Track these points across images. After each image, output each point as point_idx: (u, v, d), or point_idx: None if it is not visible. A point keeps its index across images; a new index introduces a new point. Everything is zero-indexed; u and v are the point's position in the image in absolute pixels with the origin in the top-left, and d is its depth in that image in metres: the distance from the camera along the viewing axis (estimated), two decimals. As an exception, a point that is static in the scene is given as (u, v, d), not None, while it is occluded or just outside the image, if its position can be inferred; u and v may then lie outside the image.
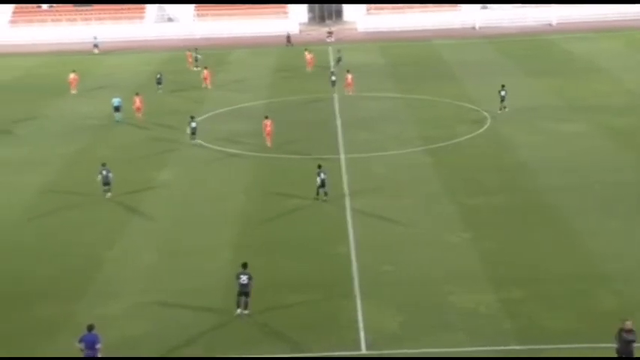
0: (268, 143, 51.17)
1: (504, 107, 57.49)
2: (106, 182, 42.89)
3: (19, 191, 44.38)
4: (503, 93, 57.94)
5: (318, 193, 41.37)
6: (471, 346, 27.33)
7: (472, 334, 28.12)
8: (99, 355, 25.91)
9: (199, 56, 79.42)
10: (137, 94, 60.45)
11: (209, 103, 63.47)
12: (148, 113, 59.91)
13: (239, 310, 29.94)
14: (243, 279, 29.97)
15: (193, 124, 52.91)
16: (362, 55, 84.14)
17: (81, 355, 25.95)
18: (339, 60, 77.68)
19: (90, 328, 26.07)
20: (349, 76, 65.23)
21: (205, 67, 72.61)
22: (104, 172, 42.96)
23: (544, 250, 34.83)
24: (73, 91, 69.29)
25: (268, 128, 51.29)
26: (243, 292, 29.92)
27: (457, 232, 36.96)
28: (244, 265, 30.33)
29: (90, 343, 25.77)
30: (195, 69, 76.94)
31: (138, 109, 59.13)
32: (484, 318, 29.22)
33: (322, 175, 41.27)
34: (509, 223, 38.04)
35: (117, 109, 58.60)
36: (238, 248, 36.08)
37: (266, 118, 52.14)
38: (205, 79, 70.13)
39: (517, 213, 39.16)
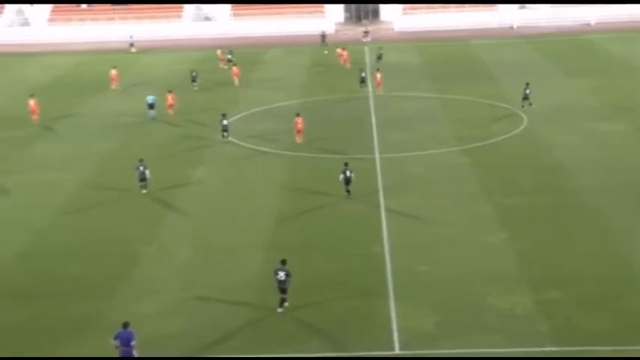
0: (299, 140, 51.53)
1: (530, 104, 57.63)
2: (143, 178, 43.27)
3: (57, 189, 44.77)
4: (527, 91, 58.23)
5: (347, 190, 41.49)
6: (506, 347, 27.08)
7: (508, 335, 27.88)
8: (134, 352, 26.02)
9: (232, 57, 79.61)
10: (170, 91, 61.11)
11: (244, 102, 63.60)
12: (184, 111, 60.35)
13: (279, 309, 30.14)
14: (281, 275, 30.09)
15: (225, 122, 53.14)
16: (398, 54, 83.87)
17: (116, 352, 26.09)
18: (379, 57, 77.68)
19: (125, 325, 26.20)
20: (379, 75, 65.41)
21: (234, 65, 73.27)
22: (141, 168, 43.38)
23: (581, 250, 34.46)
24: (114, 87, 70.47)
25: (299, 125, 51.86)
26: (281, 288, 30.04)
27: (493, 233, 36.67)
28: (283, 262, 30.41)
29: (125, 340, 25.90)
30: (225, 67, 77.40)
31: (170, 106, 59.89)
32: (520, 319, 28.96)
33: (348, 173, 41.34)
34: (546, 223, 37.68)
35: (151, 106, 59.45)
36: (272, 246, 36.10)
37: (297, 115, 52.47)
38: (235, 75, 70.90)
39: (553, 213, 38.78)
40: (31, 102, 60.93)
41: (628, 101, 59.78)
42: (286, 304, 30.19)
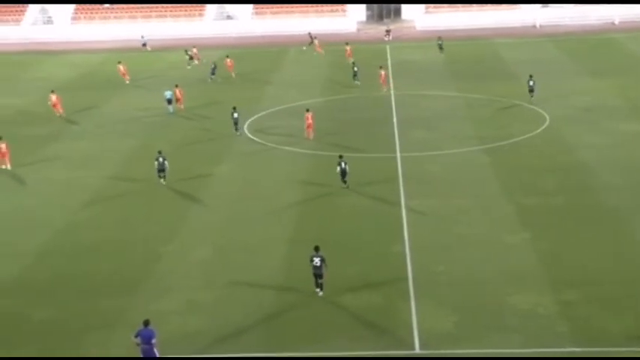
0: (309, 135, 52.25)
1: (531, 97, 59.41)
2: (161, 169, 44.39)
3: (79, 186, 45.10)
4: (531, 83, 59.31)
5: (343, 181, 42.63)
6: (526, 348, 27.03)
7: (527, 335, 27.82)
8: (155, 350, 26.18)
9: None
10: (176, 85, 63.15)
11: (265, 100, 63.74)
12: (202, 107, 60.68)
13: (317, 290, 31.35)
14: (316, 261, 31.15)
15: (235, 115, 53.73)
16: (420, 53, 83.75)
17: (137, 349, 26.25)
18: (440, 46, 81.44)
19: (146, 323, 26.37)
20: (382, 73, 65.61)
21: (227, 56, 75.73)
22: (160, 159, 44.37)
23: (601, 251, 34.30)
24: (127, 81, 72.91)
25: (309, 121, 52.40)
26: (317, 274, 31.21)
27: (514, 233, 36.57)
28: (316, 248, 31.53)
29: (146, 337, 26.07)
30: (189, 68, 79.19)
31: (178, 100, 61.95)
32: (540, 319, 28.88)
33: (343, 165, 42.36)
34: (567, 223, 37.52)
35: (169, 101, 61.33)
36: (292, 244, 36.22)
37: (307, 110, 53.30)
38: (230, 67, 73.88)
39: (575, 214, 38.62)
40: (53, 97, 62.15)
41: (651, 101, 59.40)
42: (323, 290, 31.29)
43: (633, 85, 64.94)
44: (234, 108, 54.60)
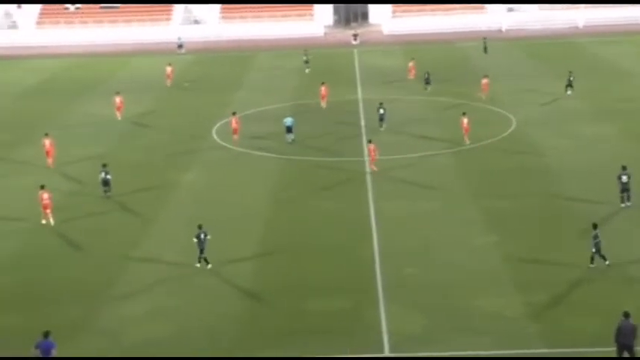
0: (323, 104, 60.83)
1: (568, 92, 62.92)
2: (106, 183, 43.33)
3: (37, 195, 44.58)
4: (571, 78, 63.10)
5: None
6: (495, 350, 27.13)
7: (497, 337, 27.94)
8: None
9: (309, 57, 79.20)
10: (117, 93, 61.95)
11: (234, 105, 63.54)
12: (177, 115, 60.26)
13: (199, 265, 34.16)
14: (202, 237, 33.99)
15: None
16: (387, 57, 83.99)
17: None
18: (485, 48, 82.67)
19: (46, 334, 25.89)
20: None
21: (169, 64, 73.89)
22: (103, 174, 43.41)
23: (569, 253, 34.48)
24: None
25: (324, 92, 60.68)
26: (202, 248, 34.11)
27: (482, 236, 36.75)
28: (200, 226, 34.23)
29: (45, 349, 25.60)
30: (306, 71, 76.92)
31: (118, 108, 60.85)
32: (509, 321, 29.03)
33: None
34: (534, 226, 37.77)
35: (288, 129, 54.07)
36: (262, 250, 36.12)
37: (322, 84, 61.55)
38: (168, 76, 72.57)
39: (542, 216, 38.87)
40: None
41: (616, 104, 59.95)
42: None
43: (597, 88, 65.58)
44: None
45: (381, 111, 54.98)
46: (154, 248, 36.70)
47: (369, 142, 47.49)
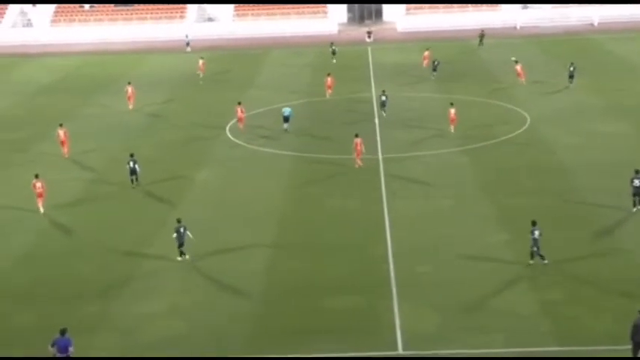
0: (328, 94, 63.62)
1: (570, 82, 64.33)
2: (133, 172, 44.45)
3: (60, 189, 44.77)
4: (572, 69, 64.43)
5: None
6: (509, 348, 27.12)
7: (510, 335, 27.92)
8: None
9: (336, 48, 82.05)
10: (129, 82, 64.10)
11: (247, 102, 63.60)
12: (191, 112, 60.39)
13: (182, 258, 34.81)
14: (182, 231, 34.52)
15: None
16: (401, 55, 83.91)
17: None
18: (480, 40, 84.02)
19: (62, 332, 26.04)
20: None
21: (202, 57, 76.30)
22: (131, 164, 44.45)
23: (583, 251, 34.45)
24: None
25: (329, 82, 63.47)
26: (181, 242, 34.55)
27: (496, 234, 36.70)
28: (179, 220, 34.92)
29: (62, 347, 25.76)
30: (333, 62, 79.29)
31: (129, 98, 63.02)
32: (522, 319, 28.99)
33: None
34: (547, 224, 37.56)
35: (286, 119, 55.69)
36: (275, 248, 36.18)
37: (328, 75, 64.84)
38: (200, 69, 74.41)
39: (555, 214, 38.74)
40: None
41: (631, 102, 59.69)
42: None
43: (612, 85, 65.30)
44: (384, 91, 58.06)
45: (383, 98, 57.49)
46: (168, 246, 36.70)
47: (356, 135, 47.26)
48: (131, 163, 44.57)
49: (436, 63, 71.49)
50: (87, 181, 46.46)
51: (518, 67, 67.08)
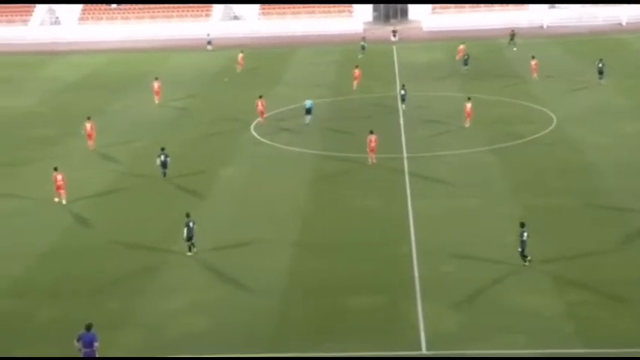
0: (355, 86, 65.48)
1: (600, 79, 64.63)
2: (164, 165, 45.40)
3: (85, 186, 45.10)
4: (600, 65, 65.27)
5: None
6: (532, 349, 26.98)
7: (534, 336, 27.77)
8: (96, 354, 26.08)
9: (366, 45, 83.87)
10: (156, 78, 64.94)
11: (272, 100, 63.67)
12: (216, 109, 60.57)
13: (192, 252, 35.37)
14: (191, 225, 35.00)
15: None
16: (426, 54, 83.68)
17: (79, 354, 26.16)
18: (510, 41, 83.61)
19: (88, 327, 26.22)
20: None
21: (241, 51, 77.97)
22: (162, 157, 45.35)
23: (609, 252, 34.21)
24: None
25: (357, 74, 64.93)
26: (190, 236, 35.10)
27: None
28: (188, 215, 35.29)
29: (88, 342, 25.94)
30: (359, 57, 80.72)
31: (156, 93, 64.65)
32: (546, 320, 28.82)
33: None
34: (574, 224, 37.46)
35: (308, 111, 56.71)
36: (299, 246, 36.22)
37: (356, 67, 66.71)
38: (239, 64, 76.57)
39: (582, 215, 38.53)
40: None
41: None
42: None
43: (639, 85, 64.74)
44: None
45: (402, 92, 59.54)
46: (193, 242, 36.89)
47: (371, 132, 47.38)
48: (162, 157, 45.48)
49: (467, 57, 73.25)
50: (110, 179, 46.68)
51: (534, 63, 68.62)
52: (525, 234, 32.90)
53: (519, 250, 33.07)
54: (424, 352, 27.32)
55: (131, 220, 40.21)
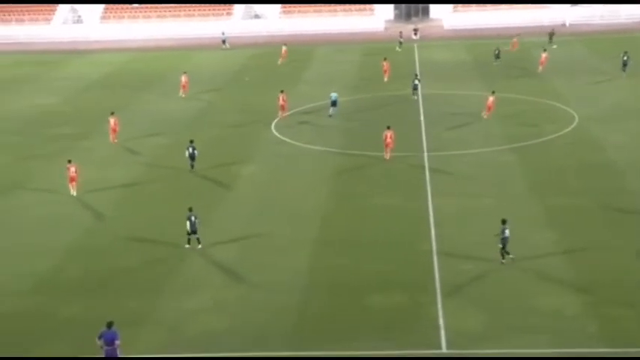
0: (385, 78, 67.83)
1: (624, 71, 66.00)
2: (192, 157, 46.49)
3: (107, 183, 45.34)
4: (625, 58, 67.08)
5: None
6: (553, 348, 26.86)
7: (556, 335, 27.63)
8: (118, 352, 26.19)
9: (403, 41, 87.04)
10: (184, 72, 64.27)
11: (293, 99, 63.75)
12: (238, 108, 60.67)
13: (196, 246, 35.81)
14: (193, 219, 35.57)
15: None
16: (448, 52, 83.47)
17: (100, 352, 26.28)
18: (550, 40, 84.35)
19: (109, 325, 26.34)
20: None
21: (285, 44, 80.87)
22: (190, 149, 46.38)
23: (631, 252, 33.97)
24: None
25: (386, 67, 68.10)
26: (194, 230, 35.54)
27: (542, 233, 36.33)
28: (190, 209, 35.86)
29: (109, 339, 26.06)
30: (397, 49, 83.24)
31: (183, 86, 65.21)
32: (568, 320, 28.68)
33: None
34: (596, 224, 37.23)
35: (333, 103, 58.09)
36: (319, 245, 36.19)
37: (384, 59, 69.15)
38: (282, 57, 78.88)
39: (603, 214, 38.30)
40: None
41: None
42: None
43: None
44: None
45: (416, 82, 62.00)
46: (212, 241, 36.97)
47: (388, 127, 47.79)
48: (190, 149, 46.40)
49: (498, 52, 75.40)
50: (133, 177, 46.83)
51: (544, 56, 70.38)
52: (507, 231, 32.87)
53: (500, 246, 33.08)
54: (444, 350, 27.26)
55: (153, 218, 40.32)
